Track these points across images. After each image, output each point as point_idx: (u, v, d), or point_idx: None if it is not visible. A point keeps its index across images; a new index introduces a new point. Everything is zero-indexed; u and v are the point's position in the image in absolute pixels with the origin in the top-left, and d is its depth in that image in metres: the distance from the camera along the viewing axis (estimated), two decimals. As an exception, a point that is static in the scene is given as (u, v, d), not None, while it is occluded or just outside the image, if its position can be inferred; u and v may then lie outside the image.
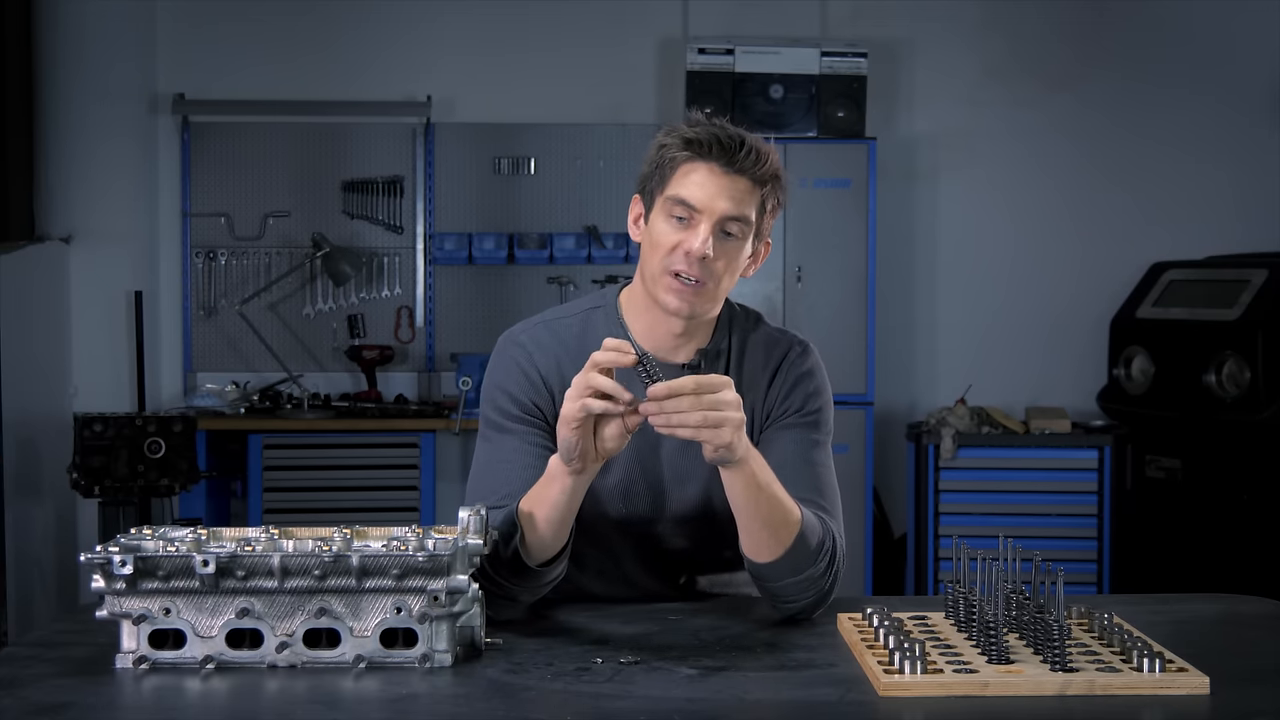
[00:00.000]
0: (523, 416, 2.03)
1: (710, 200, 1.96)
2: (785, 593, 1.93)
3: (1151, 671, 1.61)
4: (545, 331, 2.10)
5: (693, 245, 1.95)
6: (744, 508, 1.88)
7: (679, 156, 1.98)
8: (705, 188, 1.96)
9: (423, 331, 5.58)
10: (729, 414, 1.76)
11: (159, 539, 1.74)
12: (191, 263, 5.53)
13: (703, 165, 1.97)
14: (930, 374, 5.70)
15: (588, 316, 2.12)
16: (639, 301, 2.07)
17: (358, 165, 5.57)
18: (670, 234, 1.97)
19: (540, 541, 1.87)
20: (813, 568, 1.92)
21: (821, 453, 2.07)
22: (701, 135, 1.97)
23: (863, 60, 5.22)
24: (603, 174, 5.56)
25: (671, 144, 1.99)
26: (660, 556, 2.10)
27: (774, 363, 2.10)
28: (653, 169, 2.02)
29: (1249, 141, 5.66)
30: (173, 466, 4.41)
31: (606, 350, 1.77)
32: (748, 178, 1.97)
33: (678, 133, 2.00)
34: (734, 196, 1.96)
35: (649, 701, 1.57)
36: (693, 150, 1.97)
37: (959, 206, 5.69)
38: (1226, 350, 4.83)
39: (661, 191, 2.00)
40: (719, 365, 2.08)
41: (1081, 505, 5.06)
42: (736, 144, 1.96)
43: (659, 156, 2.01)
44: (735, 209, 1.97)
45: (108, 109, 5.15)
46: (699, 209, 1.96)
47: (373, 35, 5.56)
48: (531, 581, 1.89)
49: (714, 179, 1.96)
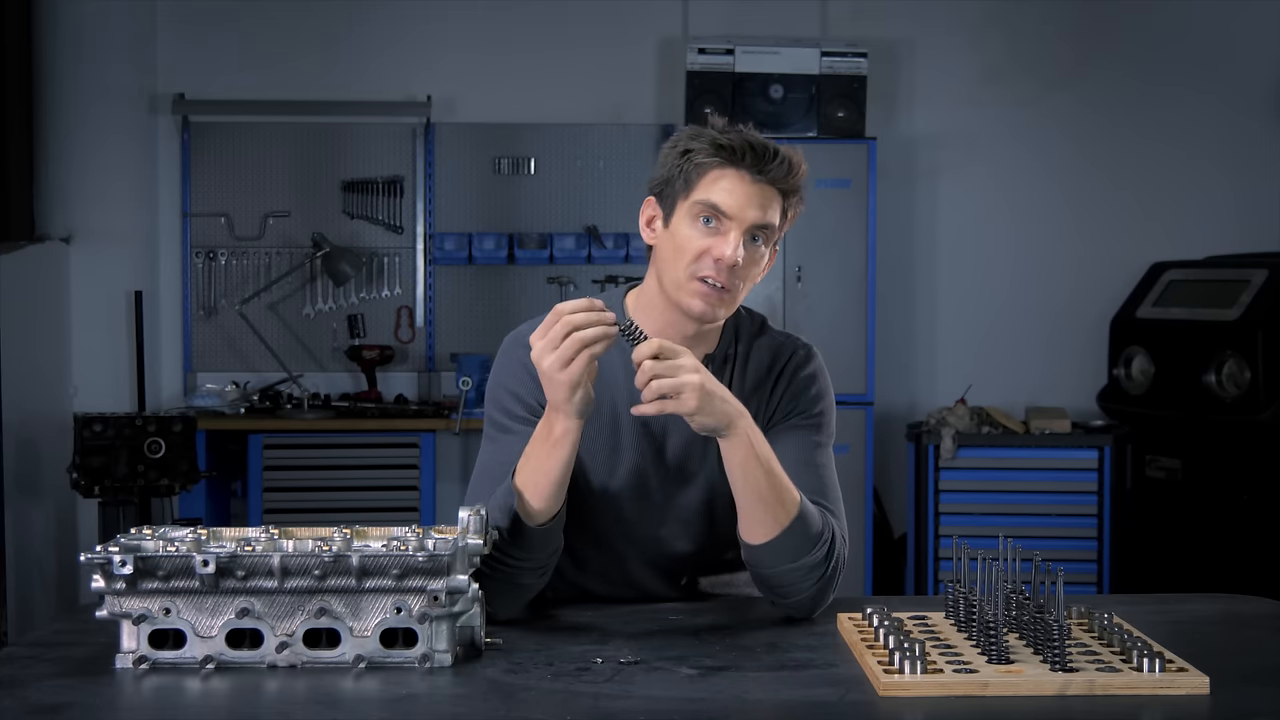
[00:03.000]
0: (528, 417, 2.01)
1: (741, 208, 1.96)
2: (782, 581, 1.93)
3: (1151, 671, 1.61)
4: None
5: (724, 252, 1.95)
6: (740, 482, 1.89)
7: (708, 162, 1.97)
8: (735, 195, 1.96)
9: (423, 331, 5.58)
10: (684, 379, 1.79)
11: (159, 539, 1.74)
12: (191, 263, 5.53)
13: (733, 172, 1.97)
14: (930, 374, 5.70)
15: None
16: (652, 303, 2.06)
17: (358, 165, 5.57)
18: (698, 239, 1.97)
19: (542, 505, 1.87)
20: (810, 555, 1.92)
21: (824, 454, 2.08)
22: (735, 142, 1.97)
23: (863, 60, 5.22)
24: (603, 174, 5.55)
25: (700, 149, 1.98)
26: (662, 557, 2.10)
27: (778, 367, 2.12)
28: (676, 172, 2.00)
29: (1249, 141, 5.66)
30: (173, 466, 4.41)
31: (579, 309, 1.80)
32: (776, 187, 1.98)
33: (705, 137, 1.99)
34: (763, 204, 1.97)
35: (649, 701, 1.57)
36: (723, 156, 1.97)
37: (959, 206, 5.69)
38: (1226, 350, 4.83)
39: (687, 196, 1.98)
40: (726, 370, 2.09)
41: (1081, 505, 5.06)
42: (769, 153, 1.97)
43: (684, 161, 1.99)
44: (764, 217, 1.97)
45: (108, 109, 5.15)
46: (730, 215, 1.96)
47: (373, 35, 5.56)
48: (533, 551, 1.88)
49: (744, 186, 1.96)
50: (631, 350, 1.82)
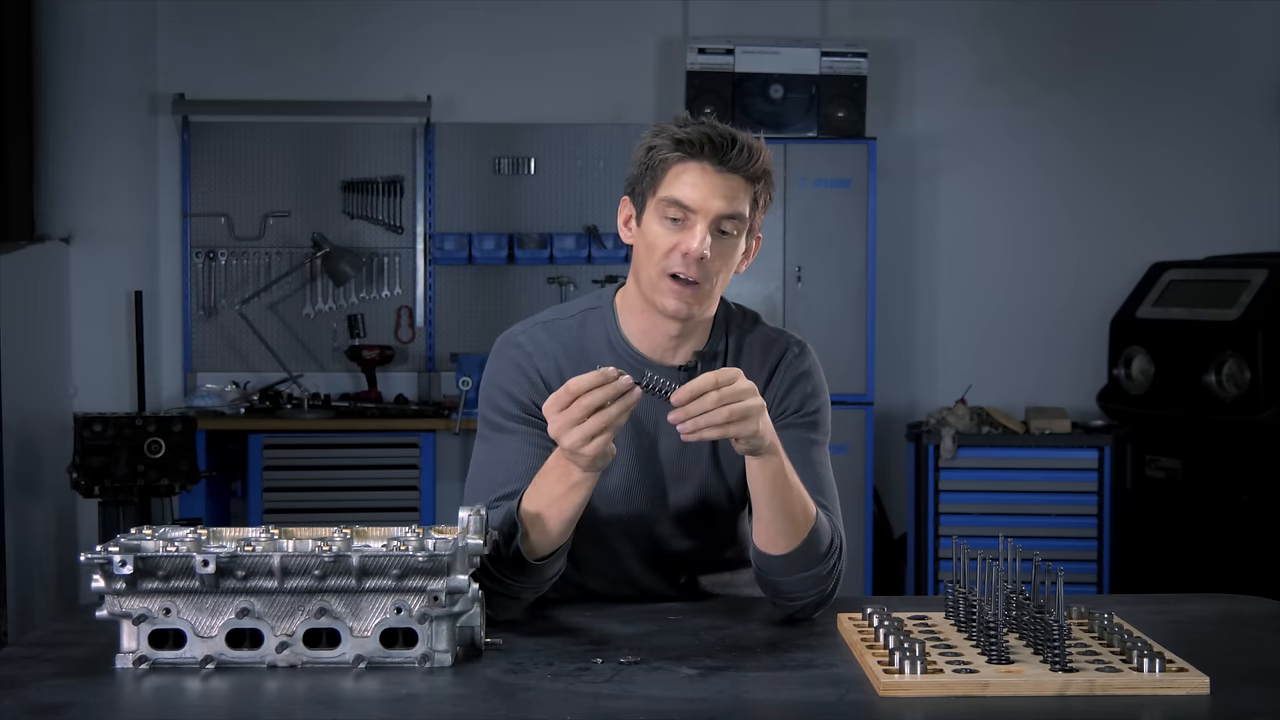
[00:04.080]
0: (522, 416, 2.01)
1: (704, 200, 1.95)
2: (792, 589, 1.93)
3: (1151, 672, 1.61)
4: (543, 332, 2.09)
5: (690, 246, 1.94)
6: (768, 497, 1.87)
7: (670, 158, 1.96)
8: (699, 188, 1.95)
9: (423, 331, 5.57)
10: (751, 402, 1.75)
11: (159, 539, 1.73)
12: (191, 263, 5.53)
13: (695, 165, 1.95)
14: (930, 374, 5.70)
15: (584, 318, 2.10)
16: (634, 303, 2.05)
17: (358, 165, 5.57)
18: (665, 236, 1.96)
19: (548, 542, 1.86)
20: (821, 564, 1.92)
21: (820, 453, 2.07)
22: (692, 135, 1.96)
23: (863, 60, 5.22)
24: (603, 174, 5.55)
25: (661, 145, 1.98)
26: (661, 556, 2.10)
27: (771, 362, 2.10)
28: (642, 170, 2.00)
29: (1249, 141, 5.66)
30: (173, 466, 4.41)
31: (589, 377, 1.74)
32: (740, 175, 1.96)
33: (666, 133, 1.98)
34: (728, 195, 1.95)
35: (649, 701, 1.57)
36: (684, 150, 1.96)
37: (959, 206, 5.69)
38: (1226, 350, 4.83)
39: (654, 193, 1.98)
40: (716, 366, 2.07)
41: (1081, 505, 5.06)
42: (728, 142, 1.95)
43: (649, 158, 1.99)
44: (730, 207, 1.95)
45: (108, 109, 5.15)
46: (694, 209, 1.95)
47: (373, 35, 5.56)
48: (534, 578, 1.88)
49: (706, 178, 1.95)
50: (663, 397, 1.75)
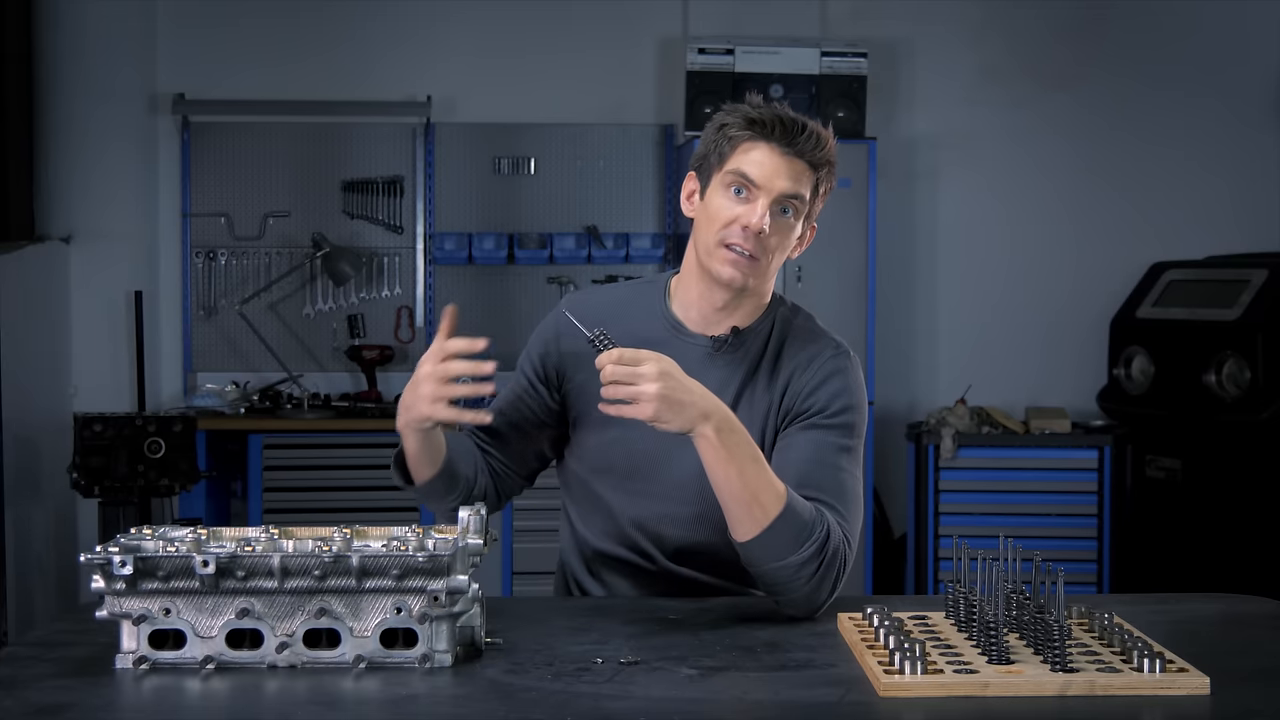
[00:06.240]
0: (528, 370, 2.21)
1: (769, 177, 2.04)
2: (775, 578, 1.93)
3: (1152, 672, 1.61)
4: (598, 296, 2.29)
5: (750, 220, 2.03)
6: (712, 481, 1.94)
7: (740, 135, 2.06)
8: (764, 165, 2.05)
9: (423, 331, 5.57)
10: (642, 387, 1.84)
11: (159, 539, 1.74)
12: (191, 263, 5.53)
13: (764, 144, 2.05)
14: (930, 374, 5.69)
15: (638, 289, 2.25)
16: (690, 274, 2.16)
17: (358, 165, 5.57)
18: (728, 207, 2.06)
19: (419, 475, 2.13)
20: (797, 553, 1.91)
21: (840, 456, 2.06)
22: (765, 116, 2.06)
23: (863, 60, 5.22)
24: (603, 174, 5.55)
25: (733, 123, 2.08)
26: (662, 520, 2.14)
27: (806, 357, 2.13)
28: (711, 146, 2.10)
29: (1248, 142, 5.66)
30: (173, 466, 4.40)
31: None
32: (805, 160, 2.06)
33: (740, 112, 2.08)
34: (792, 176, 2.05)
35: (649, 701, 1.57)
36: (755, 130, 2.06)
37: (959, 206, 5.69)
38: (1226, 350, 4.83)
39: (720, 167, 2.08)
40: (754, 344, 2.14)
41: (1081, 505, 5.06)
42: (798, 127, 2.06)
43: (719, 135, 2.09)
44: (793, 187, 2.05)
45: (108, 109, 5.15)
46: (758, 184, 2.04)
47: (373, 35, 5.56)
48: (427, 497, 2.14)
49: (773, 158, 2.05)
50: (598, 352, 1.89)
